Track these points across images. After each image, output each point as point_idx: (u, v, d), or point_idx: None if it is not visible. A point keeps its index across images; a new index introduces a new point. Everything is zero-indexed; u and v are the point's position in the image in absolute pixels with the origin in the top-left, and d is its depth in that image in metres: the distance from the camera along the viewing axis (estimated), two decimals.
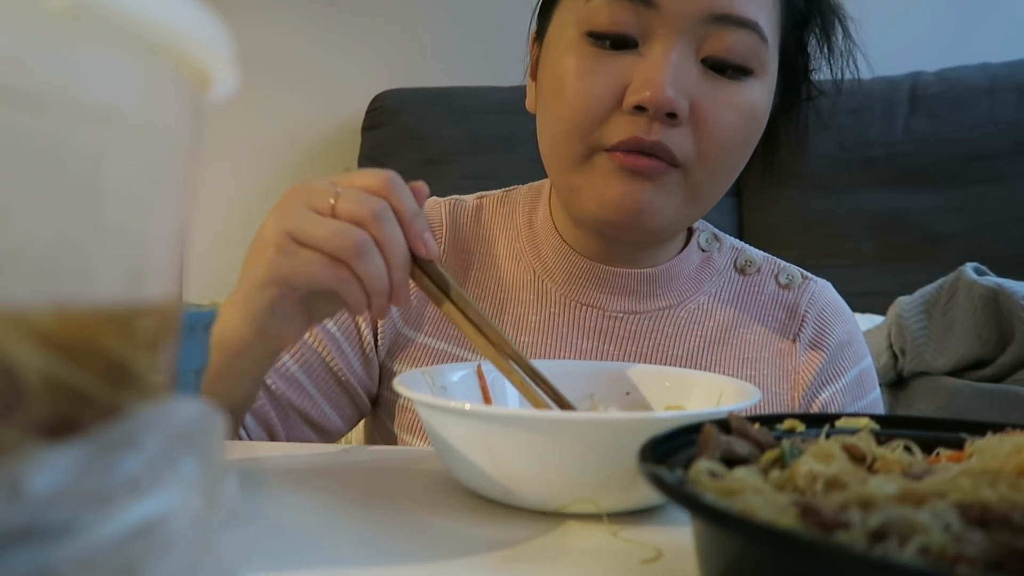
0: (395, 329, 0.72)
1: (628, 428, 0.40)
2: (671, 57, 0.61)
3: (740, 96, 0.64)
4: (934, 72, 1.85)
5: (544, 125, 0.68)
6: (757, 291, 0.76)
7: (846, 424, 0.39)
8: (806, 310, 0.74)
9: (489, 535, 0.40)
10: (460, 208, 0.77)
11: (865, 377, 0.75)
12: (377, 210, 0.49)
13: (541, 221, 0.76)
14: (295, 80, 2.19)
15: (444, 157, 1.89)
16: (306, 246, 0.49)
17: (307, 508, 0.44)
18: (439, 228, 0.75)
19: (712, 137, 0.63)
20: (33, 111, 0.16)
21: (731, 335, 0.73)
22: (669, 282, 0.74)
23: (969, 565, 0.23)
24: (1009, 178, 1.72)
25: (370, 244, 0.48)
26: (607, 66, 0.63)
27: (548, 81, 0.67)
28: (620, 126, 0.62)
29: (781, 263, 0.78)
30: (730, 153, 0.65)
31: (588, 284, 0.73)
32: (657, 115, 0.61)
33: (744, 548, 0.26)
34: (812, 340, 0.73)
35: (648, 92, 0.60)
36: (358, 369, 0.71)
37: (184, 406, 0.19)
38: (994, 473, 0.29)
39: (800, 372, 0.73)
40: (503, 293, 0.74)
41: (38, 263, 0.17)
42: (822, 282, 0.78)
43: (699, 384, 0.54)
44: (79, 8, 0.17)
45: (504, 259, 0.75)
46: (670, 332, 0.72)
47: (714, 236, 0.78)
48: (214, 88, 0.22)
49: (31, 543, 0.14)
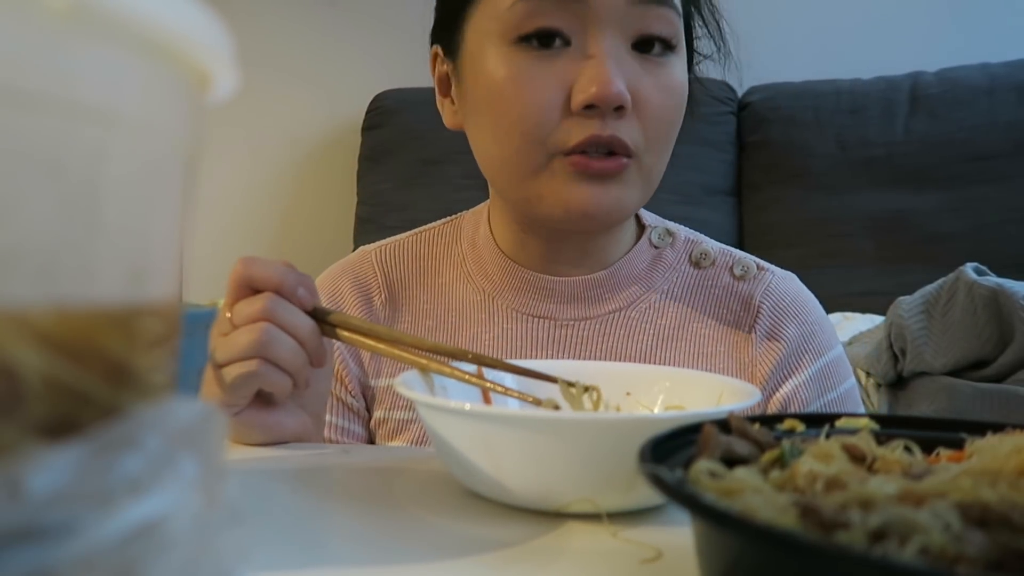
0: (363, 383, 0.74)
1: (628, 428, 0.40)
2: (609, 50, 0.61)
3: (669, 77, 0.64)
4: (934, 72, 1.85)
5: (486, 139, 0.67)
6: (711, 284, 0.75)
7: (846, 424, 0.39)
8: (760, 301, 0.73)
9: (489, 535, 0.40)
10: (390, 252, 0.78)
11: (834, 368, 0.73)
12: (267, 305, 0.54)
13: (483, 240, 0.76)
14: (295, 80, 2.19)
15: (444, 157, 1.89)
16: (226, 365, 0.54)
17: (307, 508, 0.44)
18: (373, 280, 0.76)
19: (655, 121, 0.64)
20: (33, 111, 0.16)
21: (684, 331, 0.72)
22: (617, 284, 0.73)
23: (969, 565, 0.23)
24: (1009, 178, 1.72)
25: (274, 333, 0.53)
26: (546, 69, 0.62)
27: (482, 96, 0.65)
28: (574, 128, 0.62)
29: (737, 254, 0.77)
30: (669, 134, 0.66)
31: (536, 296, 0.73)
32: (607, 110, 0.61)
33: (744, 548, 0.26)
34: (768, 332, 0.72)
35: (595, 89, 0.60)
36: (360, 432, 0.74)
37: (184, 406, 0.19)
38: (994, 473, 0.29)
39: (757, 365, 0.71)
40: (454, 317, 0.74)
41: (38, 263, 0.17)
42: (782, 273, 0.76)
43: (699, 384, 0.54)
44: (79, 8, 0.17)
45: (451, 284, 0.76)
46: (621, 334, 0.72)
47: (667, 232, 0.77)
48: (214, 88, 0.22)
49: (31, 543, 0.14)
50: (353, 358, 0.74)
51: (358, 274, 0.77)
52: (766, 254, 0.83)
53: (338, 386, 0.73)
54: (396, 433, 0.73)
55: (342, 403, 0.74)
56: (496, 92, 0.64)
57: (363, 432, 0.74)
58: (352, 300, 0.75)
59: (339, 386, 0.73)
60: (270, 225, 2.23)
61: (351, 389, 0.74)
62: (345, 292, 0.76)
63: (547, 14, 0.62)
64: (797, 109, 1.89)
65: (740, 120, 1.95)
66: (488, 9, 0.64)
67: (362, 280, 0.76)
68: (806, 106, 1.88)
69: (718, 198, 1.92)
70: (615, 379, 0.55)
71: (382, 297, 0.76)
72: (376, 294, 0.76)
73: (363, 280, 0.76)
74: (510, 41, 0.63)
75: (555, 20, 0.62)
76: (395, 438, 0.72)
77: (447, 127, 0.73)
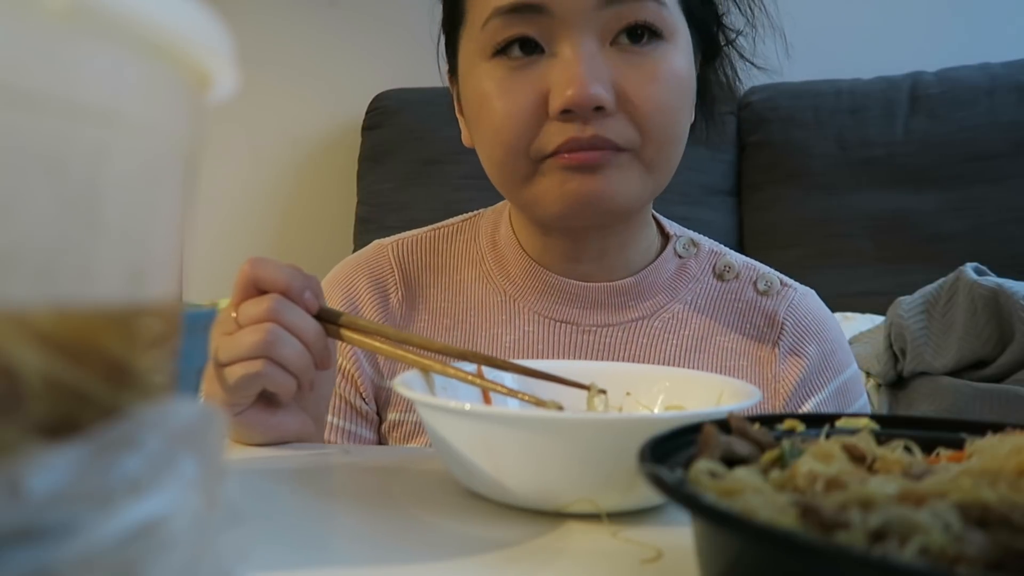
0: (375, 384, 0.73)
1: (628, 428, 0.40)
2: (580, 53, 0.61)
3: (658, 66, 0.64)
4: (934, 72, 1.85)
5: (483, 152, 0.69)
6: (735, 298, 0.75)
7: (846, 424, 0.39)
8: (784, 317, 0.73)
9: (489, 535, 0.40)
10: (407, 246, 0.77)
11: (850, 386, 0.74)
12: (272, 306, 0.54)
13: (504, 240, 0.76)
14: (295, 80, 2.19)
15: (444, 157, 1.89)
16: (230, 364, 0.54)
17: (307, 508, 0.44)
18: (390, 275, 0.75)
19: (647, 115, 0.63)
20: (33, 111, 0.16)
21: (707, 343, 0.73)
22: (642, 292, 0.73)
23: (969, 565, 0.23)
24: (1009, 178, 1.72)
25: (278, 333, 0.53)
26: (523, 79, 0.63)
27: (473, 111, 0.67)
28: (553, 133, 0.62)
29: (761, 269, 0.77)
30: (669, 123, 0.65)
31: (559, 300, 0.73)
32: (585, 113, 0.61)
33: (744, 548, 0.26)
34: (791, 348, 0.72)
35: (570, 91, 0.60)
36: (368, 435, 0.73)
37: (184, 406, 0.19)
38: (994, 473, 0.29)
39: (780, 381, 0.72)
40: (473, 317, 0.74)
41: (38, 263, 0.17)
42: (804, 289, 0.77)
43: (699, 384, 0.54)
44: (79, 8, 0.17)
45: (471, 283, 0.75)
46: (644, 343, 0.72)
47: (692, 242, 0.77)
48: (214, 88, 0.22)
49: (31, 543, 0.14)
50: (368, 359, 0.73)
51: (374, 270, 0.76)
52: (766, 254, 0.83)
53: (349, 388, 0.73)
54: (412, 436, 0.72)
55: (349, 405, 0.73)
56: (481, 105, 0.65)
57: (370, 436, 0.73)
58: (368, 298, 0.74)
59: (350, 388, 0.73)
60: (270, 225, 2.23)
61: (363, 391, 0.73)
62: (361, 290, 0.75)
63: (516, 26, 0.63)
64: (797, 109, 1.89)
65: (740, 120, 1.95)
66: (470, 31, 0.67)
67: (379, 277, 0.75)
68: (806, 106, 1.88)
69: (718, 198, 1.92)
70: (615, 379, 0.55)
71: (399, 295, 0.75)
72: (393, 291, 0.75)
73: (380, 277, 0.75)
74: (488, 56, 0.64)
75: (525, 29, 0.62)
76: (410, 441, 0.72)
77: (464, 145, 0.74)
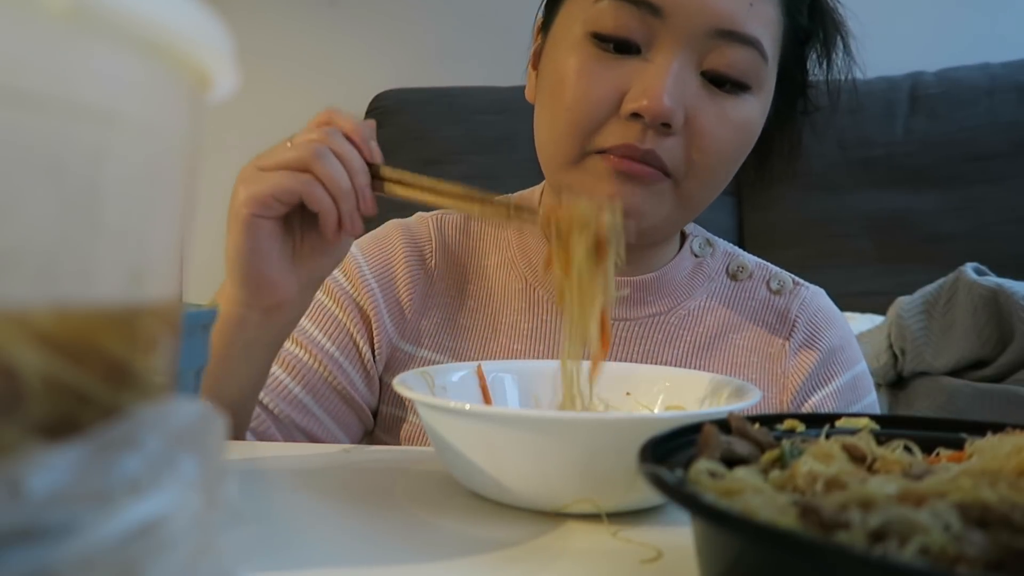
0: (392, 344, 0.72)
1: (628, 428, 0.40)
2: (672, 67, 0.61)
3: (735, 111, 0.64)
4: (934, 72, 1.85)
5: (541, 120, 0.69)
6: (748, 296, 0.76)
7: (846, 424, 0.39)
8: (797, 315, 0.75)
9: (489, 535, 0.40)
10: (447, 222, 0.78)
11: (859, 381, 0.75)
12: (327, 130, 0.54)
13: (530, 229, 0.76)
14: (295, 80, 2.18)
15: (444, 157, 1.89)
16: (271, 170, 0.54)
17: (307, 508, 0.44)
18: (428, 243, 0.76)
19: (704, 149, 0.64)
20: (33, 111, 0.16)
21: (721, 340, 0.74)
22: (660, 288, 0.74)
23: (969, 565, 0.23)
24: (1009, 178, 1.72)
25: (327, 151, 0.53)
26: (608, 70, 0.63)
27: (550, 76, 0.67)
28: (615, 132, 0.63)
29: (773, 269, 0.79)
30: (720, 166, 0.66)
31: None
32: (652, 124, 0.62)
33: (744, 548, 0.26)
34: (803, 343, 0.74)
35: (646, 101, 0.61)
36: (360, 386, 0.71)
37: (184, 406, 0.19)
38: (994, 473, 0.29)
39: (789, 376, 0.73)
40: (495, 303, 0.74)
41: (38, 263, 0.17)
42: (814, 288, 0.78)
43: (699, 384, 0.54)
44: (79, 8, 0.17)
45: (494, 269, 0.76)
46: (660, 338, 0.73)
47: (707, 241, 0.79)
48: (214, 88, 0.22)
49: (31, 543, 0.14)
50: (391, 315, 0.72)
51: (415, 233, 0.76)
52: (766, 254, 0.83)
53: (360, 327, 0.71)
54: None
55: (352, 342, 0.71)
56: (560, 77, 0.65)
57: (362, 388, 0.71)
58: (402, 255, 0.74)
59: (362, 327, 0.71)
60: None
61: (376, 342, 0.71)
62: (396, 245, 0.74)
63: (626, 17, 0.62)
64: None
65: None
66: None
67: (417, 239, 0.75)
68: None
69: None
70: (615, 379, 0.55)
71: (434, 261, 0.75)
72: (429, 257, 0.75)
73: (418, 239, 0.75)
74: (586, 34, 0.64)
75: (632, 28, 0.62)
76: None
77: (525, 98, 0.74)
